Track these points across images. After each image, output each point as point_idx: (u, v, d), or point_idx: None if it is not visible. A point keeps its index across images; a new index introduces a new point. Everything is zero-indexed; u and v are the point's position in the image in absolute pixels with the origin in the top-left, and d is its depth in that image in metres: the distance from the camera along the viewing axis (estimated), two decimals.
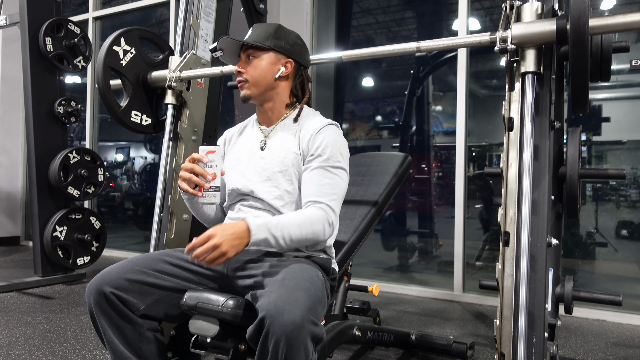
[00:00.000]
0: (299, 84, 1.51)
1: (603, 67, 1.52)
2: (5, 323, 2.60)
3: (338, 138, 1.42)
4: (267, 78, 1.45)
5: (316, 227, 1.30)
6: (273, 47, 1.44)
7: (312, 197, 1.35)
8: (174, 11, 4.56)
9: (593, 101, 3.35)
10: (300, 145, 1.42)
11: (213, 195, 1.33)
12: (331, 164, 1.37)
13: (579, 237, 3.40)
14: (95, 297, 1.26)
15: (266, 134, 1.49)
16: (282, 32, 1.47)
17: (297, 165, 1.41)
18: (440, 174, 4.10)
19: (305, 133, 1.42)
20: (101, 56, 2.16)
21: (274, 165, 1.42)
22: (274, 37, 1.45)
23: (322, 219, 1.31)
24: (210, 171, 1.33)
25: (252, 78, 1.44)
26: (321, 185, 1.35)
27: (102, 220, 3.69)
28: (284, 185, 1.40)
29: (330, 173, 1.37)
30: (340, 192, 1.38)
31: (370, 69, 4.52)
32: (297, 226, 1.28)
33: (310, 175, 1.37)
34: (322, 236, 1.33)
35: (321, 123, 1.43)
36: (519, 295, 1.27)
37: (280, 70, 1.45)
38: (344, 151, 1.43)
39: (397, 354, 2.21)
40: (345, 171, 1.41)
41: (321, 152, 1.38)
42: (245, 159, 1.48)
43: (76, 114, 3.62)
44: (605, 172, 1.63)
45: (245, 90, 1.46)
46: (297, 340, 1.06)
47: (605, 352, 2.33)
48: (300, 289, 1.15)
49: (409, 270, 4.11)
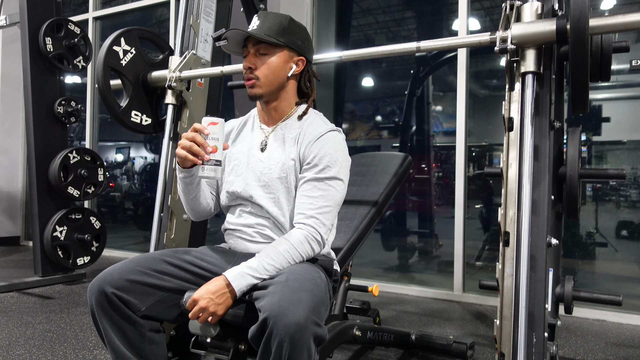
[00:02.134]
0: (307, 81, 1.47)
1: (603, 67, 1.52)
2: (5, 323, 2.60)
3: (337, 146, 1.38)
4: (280, 77, 1.40)
5: (302, 249, 1.30)
6: (287, 44, 1.38)
7: (302, 211, 1.34)
8: (174, 11, 4.56)
9: (593, 101, 3.35)
10: (298, 151, 1.39)
11: (213, 169, 1.28)
12: (326, 175, 1.34)
13: (579, 237, 3.40)
14: (97, 298, 1.26)
15: (267, 134, 1.46)
16: (295, 27, 1.41)
17: (294, 173, 1.39)
18: (440, 174, 4.10)
19: (305, 139, 1.39)
20: (101, 56, 2.16)
21: (272, 171, 1.39)
22: (288, 32, 1.38)
23: (307, 237, 1.31)
24: (212, 143, 1.27)
25: (264, 77, 1.38)
26: (313, 198, 1.33)
27: (102, 220, 3.69)
28: (283, 193, 1.39)
29: (324, 184, 1.34)
30: (334, 204, 1.36)
31: (370, 69, 4.52)
32: (281, 255, 1.27)
33: (303, 187, 1.36)
34: (311, 252, 1.33)
35: (322, 129, 1.39)
36: (519, 295, 1.26)
37: (293, 68, 1.41)
38: (343, 160, 1.39)
39: (397, 354, 2.21)
40: (341, 181, 1.38)
41: (317, 162, 1.35)
42: (244, 160, 1.45)
43: (76, 114, 3.62)
44: (605, 172, 1.63)
45: (256, 89, 1.39)
46: (300, 341, 1.06)
47: (605, 352, 2.33)
48: (304, 290, 1.14)
49: (409, 270, 4.11)
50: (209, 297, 1.21)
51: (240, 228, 1.44)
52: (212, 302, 1.20)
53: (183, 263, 1.38)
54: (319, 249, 1.35)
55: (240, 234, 1.45)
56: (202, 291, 1.22)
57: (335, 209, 1.37)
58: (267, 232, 1.41)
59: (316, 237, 1.32)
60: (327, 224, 1.35)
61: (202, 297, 1.21)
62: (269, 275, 1.25)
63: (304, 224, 1.32)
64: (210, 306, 1.20)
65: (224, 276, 1.24)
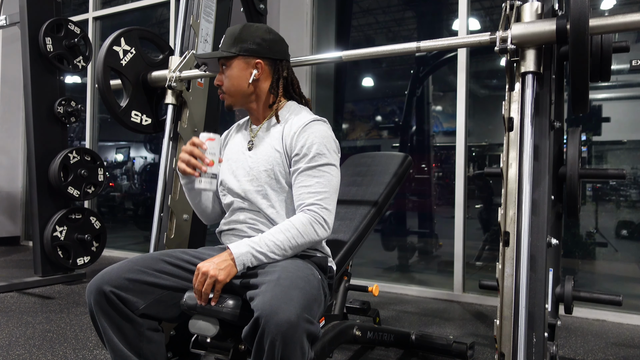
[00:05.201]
0: (275, 81, 1.48)
1: (603, 67, 1.52)
2: (5, 323, 2.60)
3: (323, 134, 1.39)
4: (241, 85, 1.44)
5: (305, 230, 1.31)
6: (238, 52, 1.42)
7: (302, 200, 1.35)
8: (174, 11, 4.55)
9: (593, 101, 3.35)
10: (284, 143, 1.41)
11: (209, 181, 1.38)
12: (318, 162, 1.36)
13: (579, 237, 3.40)
14: (95, 297, 1.26)
15: (254, 133, 1.50)
16: (247, 32, 1.43)
17: (281, 164, 1.41)
18: (440, 174, 4.10)
19: (289, 131, 1.41)
20: (101, 56, 2.16)
21: (259, 164, 1.43)
22: (238, 40, 1.42)
23: (310, 220, 1.32)
24: (209, 158, 1.38)
25: (227, 89, 1.46)
26: (310, 187, 1.35)
27: (102, 220, 3.69)
28: (269, 185, 1.41)
29: (318, 171, 1.36)
30: (332, 189, 1.37)
31: (370, 69, 4.52)
32: (281, 233, 1.30)
33: (299, 179, 1.37)
34: (316, 236, 1.33)
35: (305, 120, 1.41)
36: (519, 295, 1.26)
37: (253, 73, 1.43)
38: (331, 146, 1.40)
39: (397, 354, 2.21)
40: (334, 166, 1.39)
41: (306, 151, 1.36)
42: (235, 159, 1.50)
43: (76, 114, 3.62)
44: (605, 172, 1.63)
45: (226, 100, 1.48)
46: (292, 339, 1.06)
47: (605, 352, 2.33)
48: (295, 288, 1.15)
49: (409, 270, 4.11)
50: (210, 263, 1.24)
51: (233, 226, 1.47)
52: (213, 267, 1.23)
53: (182, 262, 1.38)
54: (324, 233, 1.34)
55: (233, 232, 1.47)
56: (205, 261, 1.26)
57: (334, 194, 1.38)
58: (259, 227, 1.42)
59: (319, 220, 1.33)
60: (330, 208, 1.35)
61: (204, 264, 1.24)
62: (270, 251, 1.28)
63: (307, 210, 1.34)
64: (211, 270, 1.22)
65: (228, 248, 1.28)
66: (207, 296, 1.24)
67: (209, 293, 1.23)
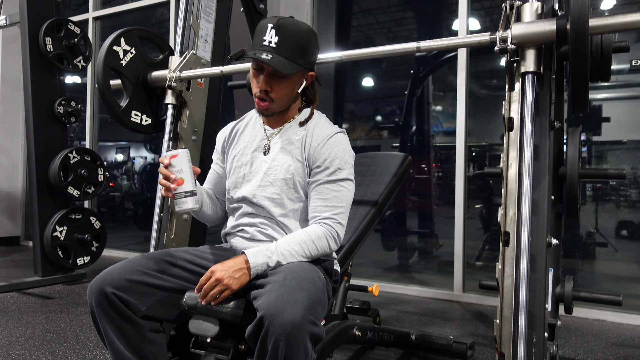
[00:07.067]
0: (311, 87, 1.49)
1: (603, 67, 1.52)
2: (5, 323, 2.60)
3: (346, 148, 1.42)
4: (292, 94, 1.41)
5: (320, 244, 1.33)
6: (304, 65, 1.36)
7: (318, 213, 1.37)
8: (174, 11, 4.55)
9: (593, 101, 3.35)
10: (306, 153, 1.40)
11: (184, 201, 1.27)
12: (338, 177, 1.37)
13: (579, 237, 3.40)
14: (96, 298, 1.26)
15: (270, 137, 1.46)
16: (312, 42, 1.38)
17: (301, 174, 1.40)
18: (440, 174, 4.10)
19: (313, 141, 1.40)
20: (101, 56, 2.16)
21: (277, 172, 1.40)
22: (307, 52, 1.36)
23: (325, 234, 1.34)
24: (177, 175, 1.27)
25: (278, 99, 1.37)
26: (327, 200, 1.36)
27: (102, 220, 3.69)
28: (286, 193, 1.40)
29: (337, 186, 1.37)
30: (347, 204, 1.40)
31: (370, 69, 4.52)
32: (298, 245, 1.31)
33: (317, 190, 1.38)
34: (328, 249, 1.36)
35: (329, 131, 1.41)
36: (519, 295, 1.26)
37: (303, 83, 1.42)
38: (350, 160, 1.42)
39: (397, 354, 2.21)
40: (351, 181, 1.41)
41: (329, 165, 1.37)
42: (247, 162, 1.46)
43: (76, 114, 3.62)
44: (605, 172, 1.63)
45: (269, 107, 1.38)
46: (296, 339, 1.06)
47: (605, 352, 2.33)
48: (301, 289, 1.15)
49: (409, 270, 4.11)
50: (225, 270, 1.22)
51: (242, 227, 1.45)
52: (228, 275, 1.22)
53: (183, 262, 1.38)
54: (335, 246, 1.38)
55: (242, 233, 1.45)
56: (219, 265, 1.24)
57: (347, 209, 1.41)
58: (269, 232, 1.42)
59: (333, 234, 1.36)
60: (343, 223, 1.39)
61: (218, 269, 1.23)
62: (285, 260, 1.28)
63: (322, 223, 1.35)
64: (226, 278, 1.21)
65: (244, 253, 1.26)
66: (212, 298, 1.23)
67: (215, 297, 1.23)
